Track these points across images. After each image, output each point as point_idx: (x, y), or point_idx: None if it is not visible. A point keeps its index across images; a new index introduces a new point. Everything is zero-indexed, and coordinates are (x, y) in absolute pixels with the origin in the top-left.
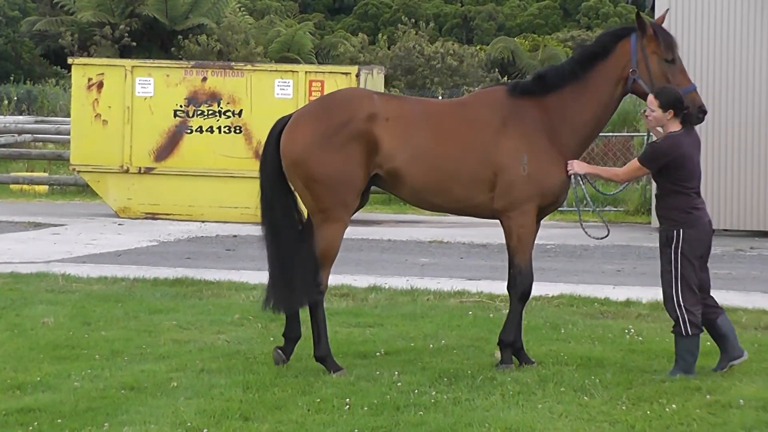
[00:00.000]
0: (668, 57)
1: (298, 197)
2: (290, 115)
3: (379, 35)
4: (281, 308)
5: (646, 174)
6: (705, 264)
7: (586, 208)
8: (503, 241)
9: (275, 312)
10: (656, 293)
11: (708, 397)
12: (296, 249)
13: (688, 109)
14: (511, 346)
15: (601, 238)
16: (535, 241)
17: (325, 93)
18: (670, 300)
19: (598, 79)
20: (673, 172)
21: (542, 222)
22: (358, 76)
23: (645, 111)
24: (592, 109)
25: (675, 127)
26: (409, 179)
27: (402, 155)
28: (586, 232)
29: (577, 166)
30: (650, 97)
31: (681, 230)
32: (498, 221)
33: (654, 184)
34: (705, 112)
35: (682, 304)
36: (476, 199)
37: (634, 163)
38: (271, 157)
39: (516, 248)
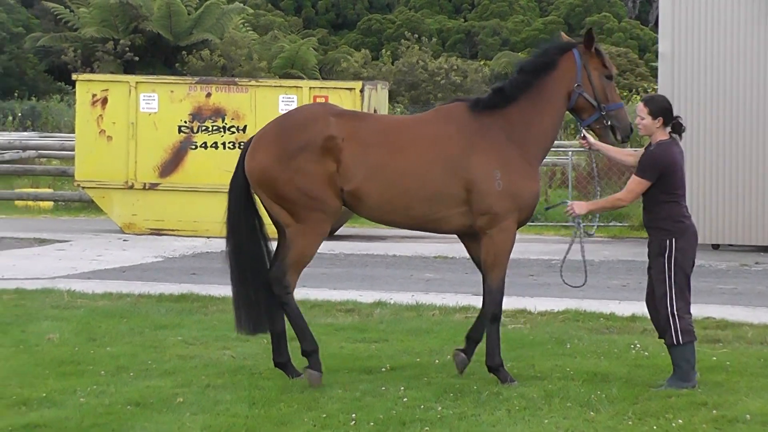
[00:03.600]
0: (609, 74)
1: (268, 216)
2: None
3: (383, 51)
4: (252, 330)
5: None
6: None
7: (580, 238)
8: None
9: (249, 334)
10: None
11: (714, 412)
12: (260, 271)
13: (677, 119)
14: (501, 366)
15: (578, 287)
16: (541, 257)
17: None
18: (663, 309)
19: (551, 89)
20: (666, 181)
21: (548, 237)
22: (362, 91)
23: (582, 135)
24: (550, 117)
25: (663, 135)
26: (367, 198)
27: (358, 175)
28: (563, 280)
29: (577, 208)
30: (640, 104)
31: (674, 239)
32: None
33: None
34: (631, 131)
35: (675, 313)
36: (438, 214)
37: (634, 180)
38: (239, 179)
39: (491, 266)
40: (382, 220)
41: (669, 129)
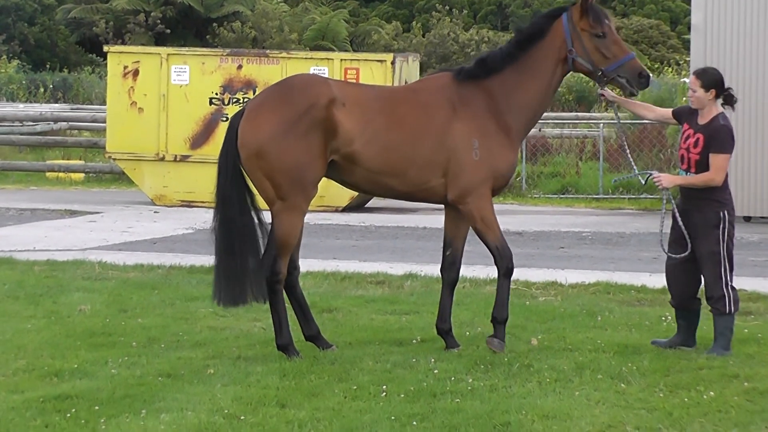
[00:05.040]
0: (598, 32)
1: (257, 188)
2: (244, 109)
3: (414, 22)
4: (233, 302)
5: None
6: None
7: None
8: (538, 228)
9: (226, 307)
10: None
11: (746, 384)
12: (252, 245)
13: (729, 90)
14: (505, 323)
15: (682, 255)
16: (572, 229)
17: (359, 79)
18: (719, 279)
19: (537, 60)
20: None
21: (578, 209)
22: (393, 63)
23: (600, 92)
24: (534, 90)
25: (716, 107)
26: (366, 162)
27: (360, 138)
28: (664, 250)
29: (665, 181)
30: (692, 77)
31: (727, 212)
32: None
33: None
34: (647, 77)
35: (729, 283)
36: (430, 182)
37: (719, 157)
38: (231, 152)
39: (483, 230)
40: (376, 185)
41: (721, 101)
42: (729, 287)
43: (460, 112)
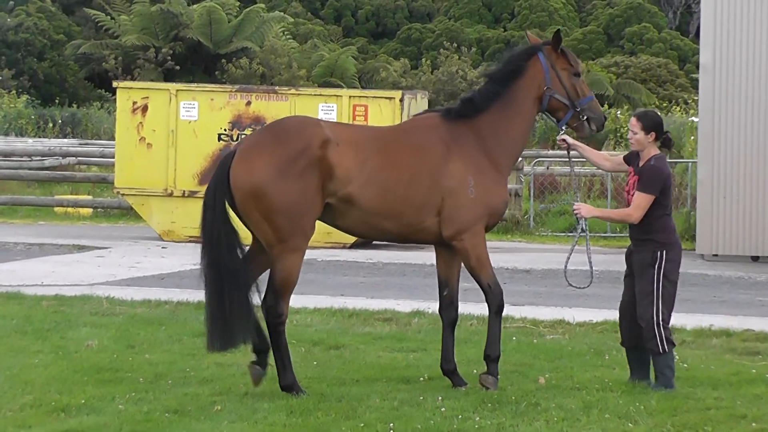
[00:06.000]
0: (576, 71)
1: (253, 230)
2: (235, 150)
3: (422, 60)
4: (222, 346)
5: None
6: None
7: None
8: (546, 266)
9: (220, 351)
10: (700, 320)
11: (754, 425)
12: (239, 286)
13: (667, 134)
14: (497, 360)
15: (583, 288)
16: (579, 267)
17: (368, 119)
18: (650, 319)
19: (520, 98)
20: (664, 195)
21: (585, 248)
22: (402, 100)
23: (561, 135)
24: (519, 127)
25: (654, 149)
26: (363, 204)
27: (357, 179)
28: (568, 282)
29: (584, 211)
30: (633, 119)
31: (665, 251)
32: (433, 246)
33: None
34: (606, 119)
35: (660, 323)
36: (424, 222)
37: (641, 196)
38: (220, 191)
39: (477, 268)
40: (371, 227)
41: (659, 144)
42: (660, 327)
43: (453, 151)
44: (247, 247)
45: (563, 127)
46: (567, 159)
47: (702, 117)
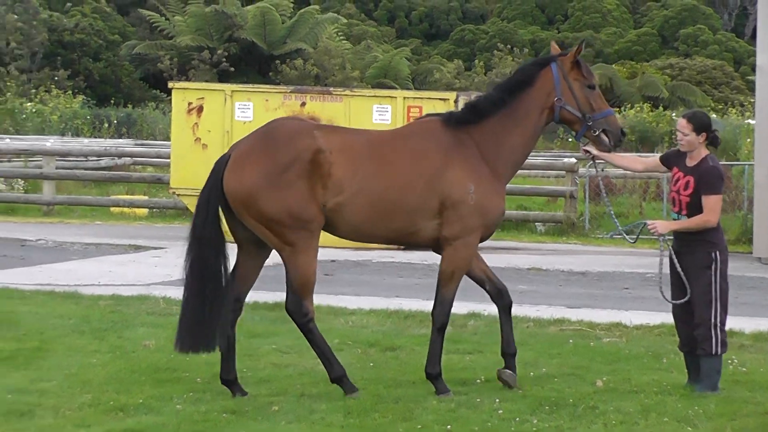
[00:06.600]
0: (591, 82)
1: (257, 234)
2: (230, 154)
3: (476, 61)
4: (196, 349)
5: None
6: None
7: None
8: (602, 269)
9: (193, 353)
10: (758, 323)
11: None
12: (219, 288)
13: (715, 132)
14: (439, 376)
15: (680, 302)
16: (636, 270)
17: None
18: (707, 320)
19: (526, 107)
20: None
21: (642, 250)
22: (456, 102)
23: (583, 147)
24: (521, 136)
25: (704, 149)
26: (353, 212)
27: (349, 188)
28: (663, 295)
29: (660, 227)
30: (683, 121)
31: (719, 252)
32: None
33: (755, 212)
34: (624, 135)
35: (718, 325)
36: (414, 227)
37: (712, 198)
38: (214, 195)
39: (449, 279)
40: (361, 234)
41: (707, 143)
42: (717, 329)
43: (454, 157)
44: (234, 255)
45: (580, 140)
46: (597, 166)
47: (759, 119)
